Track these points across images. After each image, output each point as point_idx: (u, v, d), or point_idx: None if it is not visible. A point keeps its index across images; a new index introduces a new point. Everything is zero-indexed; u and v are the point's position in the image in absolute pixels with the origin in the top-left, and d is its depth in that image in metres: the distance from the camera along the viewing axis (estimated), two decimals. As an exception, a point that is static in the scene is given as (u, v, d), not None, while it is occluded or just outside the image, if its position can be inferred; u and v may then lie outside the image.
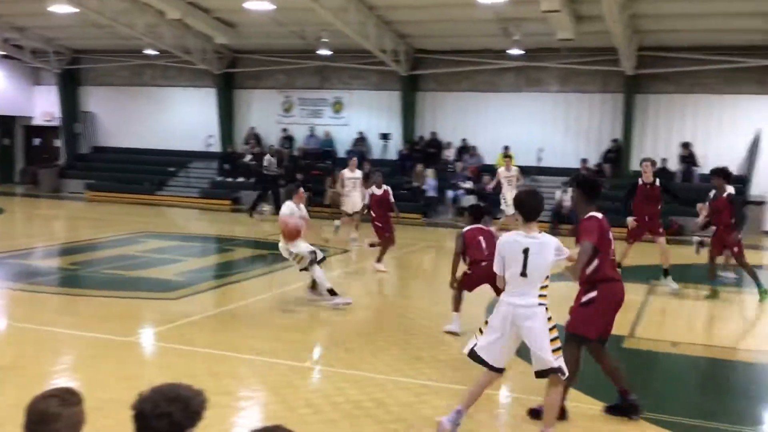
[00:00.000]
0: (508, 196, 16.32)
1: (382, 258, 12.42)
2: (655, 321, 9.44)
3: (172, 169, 26.59)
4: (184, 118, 27.26)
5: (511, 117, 23.32)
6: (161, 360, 7.46)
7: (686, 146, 21.11)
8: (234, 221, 21.26)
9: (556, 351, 5.04)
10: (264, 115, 26.50)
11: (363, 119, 25.26)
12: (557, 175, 21.60)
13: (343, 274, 12.40)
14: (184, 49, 24.75)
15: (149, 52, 25.99)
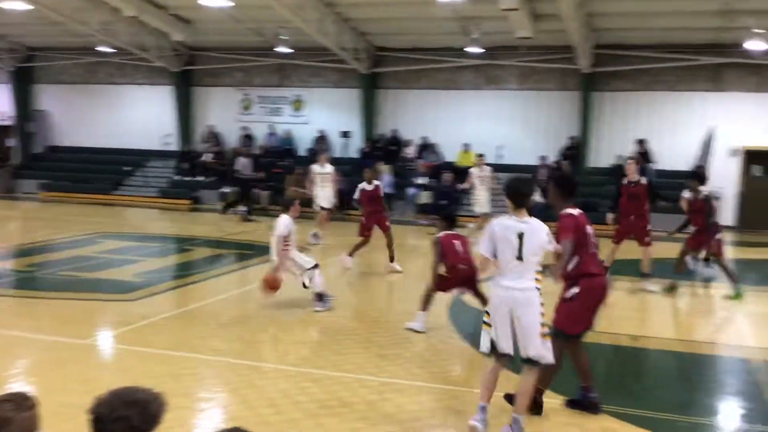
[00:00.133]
0: (481, 196, 16.26)
1: (354, 254, 12.37)
2: (615, 315, 9.56)
3: (129, 169, 26.15)
4: (141, 117, 26.83)
5: (471, 114, 23.46)
6: (120, 363, 7.33)
7: (642, 143, 21.47)
8: (193, 220, 21.02)
9: (545, 337, 5.16)
10: (223, 114, 26.24)
11: (323, 117, 25.17)
12: (517, 172, 21.61)
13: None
14: (140, 47, 24.38)
15: (104, 50, 25.54)
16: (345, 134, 24.44)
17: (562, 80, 22.56)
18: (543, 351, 5.15)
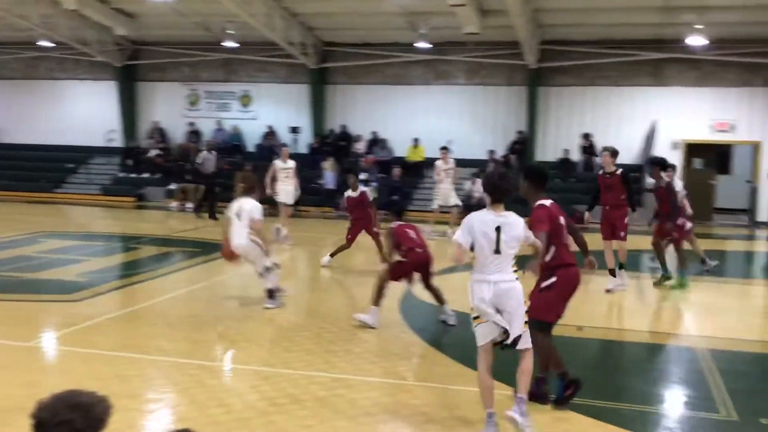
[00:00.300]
0: (443, 189, 16.23)
1: (335, 255, 12.23)
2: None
3: (71, 166, 25.56)
4: (83, 113, 26.22)
5: (421, 109, 23.57)
6: (64, 365, 7.15)
7: (587, 137, 21.88)
8: (139, 218, 20.64)
9: (525, 324, 5.26)
10: (168, 109, 25.83)
11: (272, 113, 24.98)
12: (466, 166, 21.93)
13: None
14: (82, 41, 23.81)
15: (45, 44, 24.87)
16: (294, 130, 24.29)
17: (510, 75, 22.82)
18: (522, 339, 5.23)
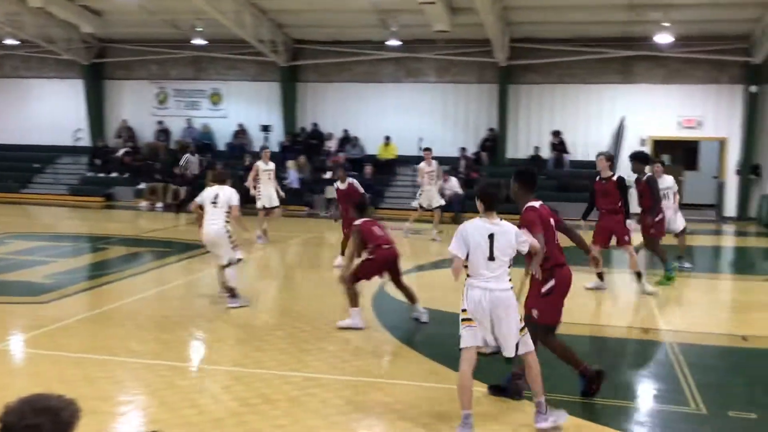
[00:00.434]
0: (427, 191, 16.08)
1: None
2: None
3: (38, 166, 25.11)
4: (50, 111, 25.79)
5: (392, 107, 23.56)
6: (32, 368, 7.02)
7: (557, 134, 22.06)
8: (108, 218, 20.37)
9: (521, 331, 5.36)
10: (137, 108, 25.54)
11: (242, 111, 24.81)
12: (438, 164, 22.00)
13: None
14: (48, 39, 23.44)
15: (10, 42, 24.43)
16: (265, 128, 24.13)
17: (480, 73, 22.91)
18: (522, 345, 5.36)
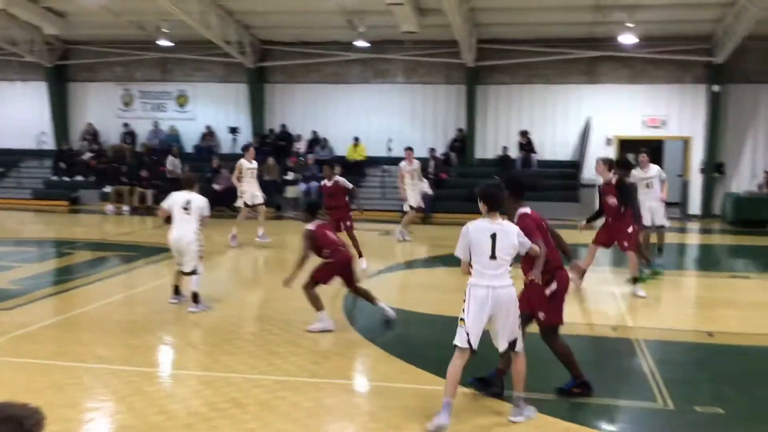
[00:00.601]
0: (410, 192, 15.98)
1: (360, 252, 11.90)
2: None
3: (1, 170, 24.66)
4: (13, 114, 25.34)
5: (361, 108, 23.57)
6: (-5, 376, 6.89)
7: (524, 134, 22.24)
8: (73, 222, 20.07)
9: (520, 327, 5.59)
10: (102, 110, 25.21)
11: (210, 113, 24.63)
12: (406, 165, 22.06)
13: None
14: (10, 41, 23.04)
15: (-31, 44, 23.97)
16: (233, 130, 23.99)
17: (448, 74, 23.01)
18: (519, 342, 5.60)
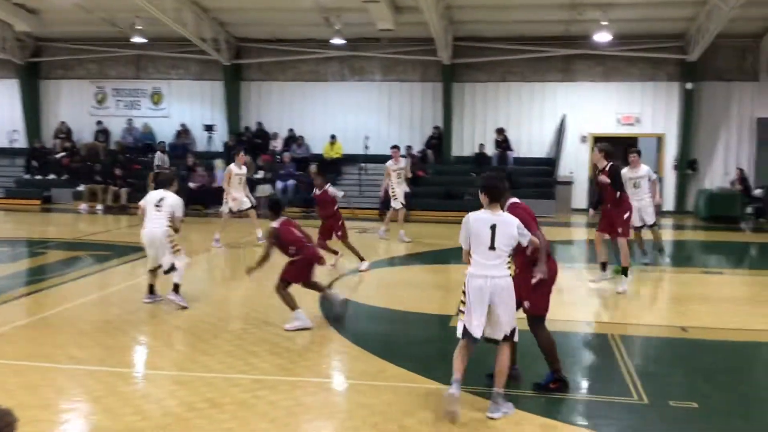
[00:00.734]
0: (398, 191, 15.86)
1: (360, 256, 11.88)
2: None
3: (-28, 168, 24.36)
4: (-16, 112, 25.02)
5: (337, 106, 23.53)
6: (-33, 378, 6.77)
7: (501, 132, 22.33)
8: (46, 221, 19.81)
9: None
10: (75, 108, 24.94)
11: (185, 110, 24.44)
12: (384, 162, 22.00)
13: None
14: (-20, 37, 22.70)
15: (-62, 40, 23.57)
16: (208, 128, 23.83)
17: (425, 71, 23.04)
18: (515, 333, 5.70)
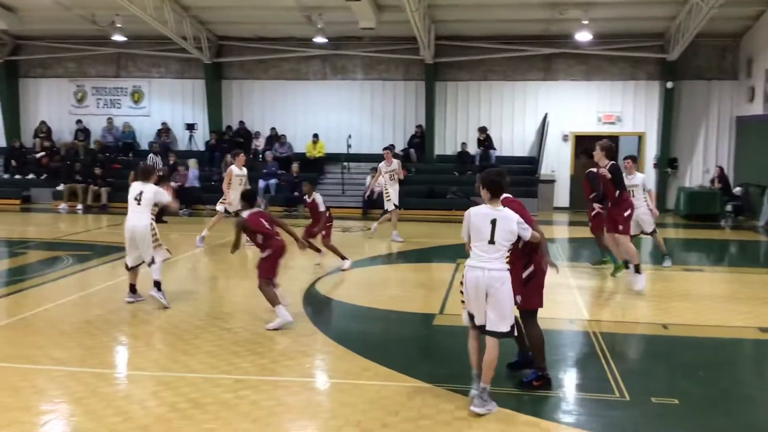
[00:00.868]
0: (391, 191, 15.72)
1: (342, 255, 11.88)
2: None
3: (-51, 168, 24.04)
4: (-39, 111, 24.70)
5: (320, 105, 23.48)
6: (-56, 380, 6.69)
7: (483, 130, 22.39)
8: (25, 221, 19.60)
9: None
10: (54, 107, 24.71)
11: (166, 109, 24.29)
12: (366, 161, 22.09)
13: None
14: (-43, 35, 22.43)
15: None
16: (190, 126, 23.69)
17: (407, 70, 23.05)
18: (508, 328, 5.76)
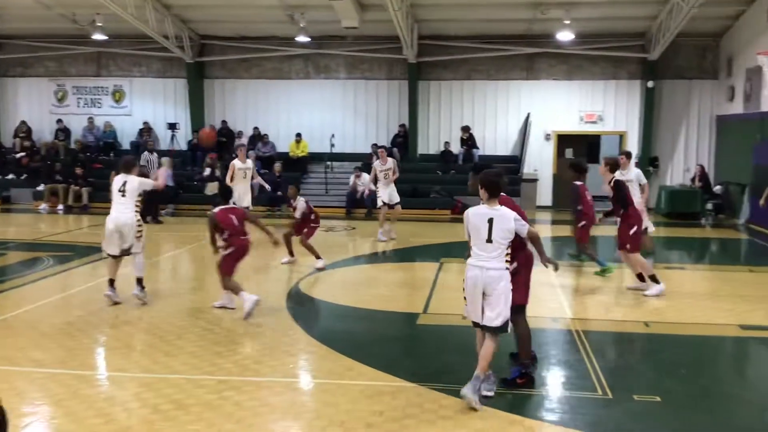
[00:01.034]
0: (383, 191, 15.64)
1: (316, 254, 11.84)
2: (446, 297, 9.91)
3: (-73, 168, 23.71)
4: (-61, 111, 24.42)
5: (303, 104, 23.41)
6: None
7: (466, 129, 22.43)
8: (5, 222, 19.38)
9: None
10: (34, 106, 24.47)
11: (148, 108, 24.12)
12: (350, 160, 22.07)
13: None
14: (-66, 34, 22.14)
15: None
16: (172, 126, 23.53)
17: (390, 69, 23.04)
18: (503, 323, 5.86)
